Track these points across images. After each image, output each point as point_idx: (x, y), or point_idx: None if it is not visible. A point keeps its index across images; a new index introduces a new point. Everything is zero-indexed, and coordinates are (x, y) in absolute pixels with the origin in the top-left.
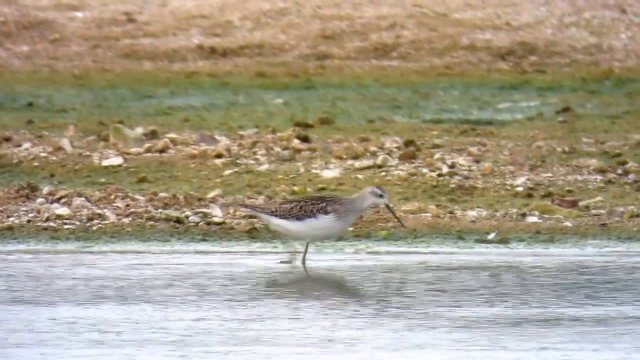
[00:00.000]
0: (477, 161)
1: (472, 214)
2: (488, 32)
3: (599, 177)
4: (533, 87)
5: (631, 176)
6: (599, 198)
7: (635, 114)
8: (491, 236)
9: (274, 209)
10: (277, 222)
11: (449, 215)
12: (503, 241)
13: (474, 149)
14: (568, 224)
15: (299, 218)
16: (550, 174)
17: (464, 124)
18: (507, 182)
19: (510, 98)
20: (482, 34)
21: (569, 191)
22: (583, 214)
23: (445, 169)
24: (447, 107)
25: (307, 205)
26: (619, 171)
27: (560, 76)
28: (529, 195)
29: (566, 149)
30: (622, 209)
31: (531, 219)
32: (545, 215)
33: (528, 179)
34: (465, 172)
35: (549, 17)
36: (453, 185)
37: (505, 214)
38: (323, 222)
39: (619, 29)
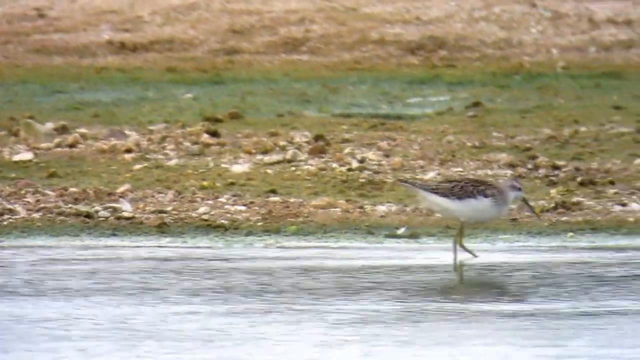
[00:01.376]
0: (387, 156)
1: (381, 208)
2: (398, 27)
3: (509, 172)
4: (443, 82)
5: (541, 171)
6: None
7: (545, 109)
8: (401, 231)
9: (434, 186)
10: (435, 200)
11: (359, 210)
12: (413, 236)
13: (383, 144)
14: None
15: (459, 197)
16: (460, 169)
17: (374, 118)
18: (417, 177)
19: (420, 93)
20: (391, 29)
21: None
22: None
23: (354, 164)
24: (356, 102)
25: (467, 186)
26: (529, 166)
27: (470, 71)
28: None
29: (476, 143)
30: (532, 204)
31: None
32: None
33: (438, 174)
34: (375, 167)
35: (459, 11)
36: (363, 180)
37: (415, 208)
38: (482, 204)
39: (529, 23)
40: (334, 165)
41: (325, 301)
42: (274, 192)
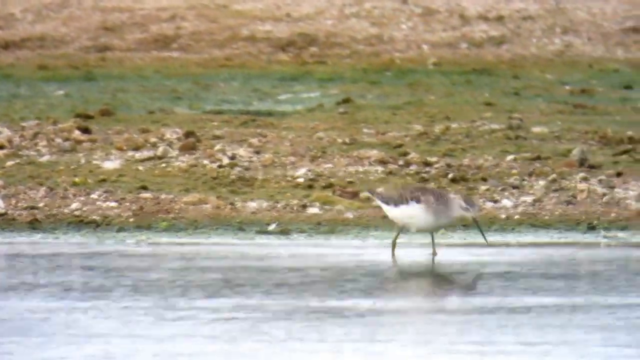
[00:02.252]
0: (258, 152)
1: (252, 205)
2: (268, 24)
3: (380, 168)
4: (314, 78)
5: (413, 167)
6: (380, 189)
7: (416, 105)
8: (272, 227)
9: (382, 195)
10: (384, 208)
11: (230, 206)
12: (284, 232)
13: (254, 140)
14: (349, 215)
15: (396, 204)
16: (331, 165)
17: (245, 115)
18: (288, 173)
19: (290, 89)
20: (262, 26)
21: (350, 182)
22: (364, 205)
23: (225, 160)
24: (227, 99)
25: (406, 193)
26: (400, 162)
27: (341, 67)
28: (310, 187)
29: (347, 140)
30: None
31: (312, 210)
32: (326, 207)
33: (309, 170)
34: (246, 164)
35: (330, 8)
36: (233, 177)
37: (286, 205)
38: (412, 210)
39: (399, 19)
40: (205, 161)
41: (191, 297)
42: (145, 188)
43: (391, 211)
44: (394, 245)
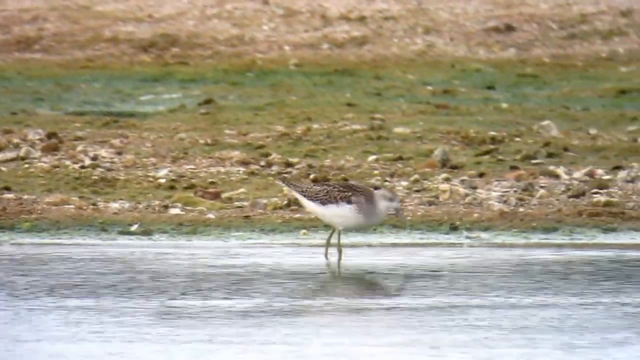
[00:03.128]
0: (120, 153)
1: (115, 205)
2: (130, 25)
3: (242, 169)
4: (175, 79)
5: (274, 168)
6: (242, 190)
7: (277, 106)
8: (134, 228)
9: (304, 189)
10: (304, 202)
11: (92, 207)
12: (146, 233)
13: (116, 141)
14: (211, 215)
15: (323, 202)
16: (193, 166)
17: (107, 116)
18: (150, 174)
19: (152, 90)
20: (124, 27)
21: (212, 183)
22: (226, 205)
23: (87, 161)
24: (89, 100)
25: (334, 191)
26: (262, 163)
27: (203, 68)
28: (172, 187)
29: (209, 140)
30: (265, 201)
31: (174, 211)
32: (188, 207)
33: (171, 171)
34: (108, 164)
35: (191, 9)
36: (96, 177)
37: (148, 205)
38: (343, 210)
39: (261, 20)
40: (67, 162)
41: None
42: (7, 189)
43: (316, 208)
44: (327, 245)
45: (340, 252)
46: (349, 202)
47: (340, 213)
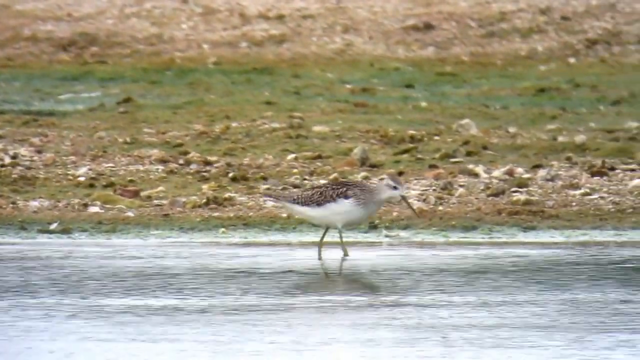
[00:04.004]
0: (39, 152)
1: (34, 204)
2: (50, 24)
3: (160, 167)
4: (94, 78)
5: (193, 166)
6: (160, 188)
7: (196, 104)
8: (53, 226)
9: (295, 197)
10: (299, 210)
11: (12, 205)
12: (65, 231)
13: (36, 140)
14: (130, 214)
15: (319, 204)
16: (112, 164)
17: (26, 115)
18: (69, 173)
19: (71, 89)
20: (44, 25)
21: (131, 181)
22: (145, 204)
23: (7, 160)
24: (9, 99)
25: (327, 191)
26: (181, 161)
27: (122, 67)
28: (91, 186)
29: (128, 139)
30: (184, 199)
31: (93, 209)
32: (108, 206)
33: (90, 169)
34: (27, 163)
35: (110, 7)
36: (15, 176)
37: (67, 204)
38: (343, 206)
39: (180, 19)
40: None
41: None
42: None
43: (312, 212)
44: (320, 244)
45: (345, 250)
46: (346, 196)
47: (340, 209)
